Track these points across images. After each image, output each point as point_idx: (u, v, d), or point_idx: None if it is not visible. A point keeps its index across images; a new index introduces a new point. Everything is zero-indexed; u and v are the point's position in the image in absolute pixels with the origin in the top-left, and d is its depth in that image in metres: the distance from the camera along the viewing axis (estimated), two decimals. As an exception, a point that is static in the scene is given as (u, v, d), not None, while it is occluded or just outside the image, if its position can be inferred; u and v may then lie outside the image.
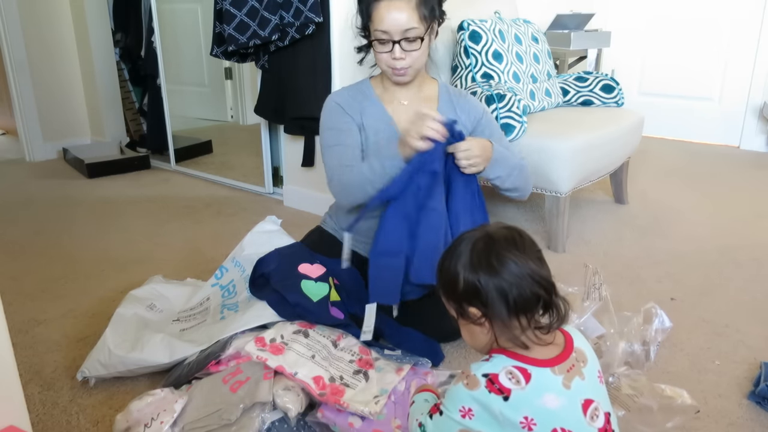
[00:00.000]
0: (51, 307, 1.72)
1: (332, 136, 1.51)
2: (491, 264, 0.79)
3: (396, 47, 1.40)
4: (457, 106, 1.56)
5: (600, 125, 2.22)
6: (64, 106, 3.67)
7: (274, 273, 1.42)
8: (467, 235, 0.84)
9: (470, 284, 0.80)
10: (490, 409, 0.77)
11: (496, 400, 0.77)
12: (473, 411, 0.78)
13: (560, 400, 0.77)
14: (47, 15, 3.50)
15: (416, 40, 1.40)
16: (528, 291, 0.78)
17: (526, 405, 0.76)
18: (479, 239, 0.82)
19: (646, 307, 1.49)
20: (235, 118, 4.43)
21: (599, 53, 3.65)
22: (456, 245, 0.83)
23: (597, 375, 0.82)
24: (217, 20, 2.35)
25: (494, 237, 0.81)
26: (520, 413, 0.76)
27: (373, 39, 1.43)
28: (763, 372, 1.32)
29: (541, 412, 0.76)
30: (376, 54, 1.45)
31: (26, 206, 2.71)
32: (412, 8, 1.37)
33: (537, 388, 0.77)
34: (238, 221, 2.45)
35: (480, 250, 0.80)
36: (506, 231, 0.82)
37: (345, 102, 1.53)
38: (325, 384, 1.18)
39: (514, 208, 2.58)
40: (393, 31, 1.38)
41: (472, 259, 0.80)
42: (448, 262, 0.83)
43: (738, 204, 2.63)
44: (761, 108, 3.57)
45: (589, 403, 0.79)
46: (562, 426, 0.77)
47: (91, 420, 1.22)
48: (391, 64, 1.43)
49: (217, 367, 1.25)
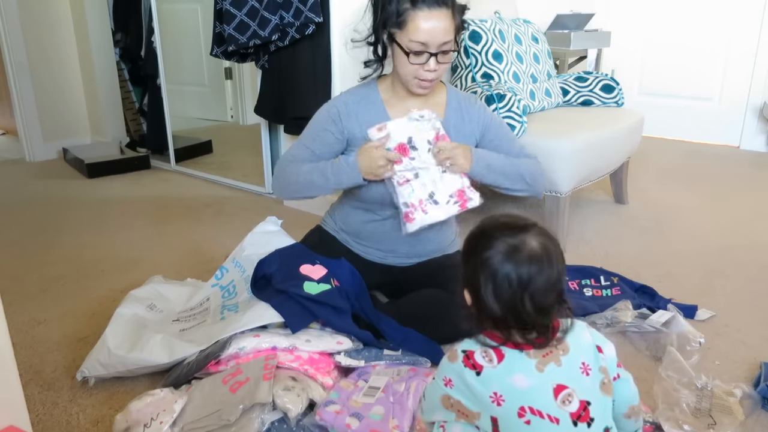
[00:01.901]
0: (51, 307, 1.72)
1: (310, 136, 1.52)
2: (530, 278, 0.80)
3: (432, 60, 1.35)
4: (465, 114, 1.54)
5: (600, 125, 2.22)
6: (64, 106, 3.67)
7: (276, 274, 1.42)
8: (518, 238, 0.82)
9: (478, 281, 0.82)
10: (465, 381, 0.84)
11: (470, 374, 0.84)
12: (453, 381, 0.86)
13: (530, 380, 0.81)
14: (47, 15, 3.50)
15: (449, 53, 1.37)
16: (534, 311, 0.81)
17: (496, 381, 0.82)
18: (527, 244, 0.81)
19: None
20: (235, 118, 4.44)
21: (599, 53, 3.65)
22: (509, 233, 0.82)
23: (579, 365, 0.84)
24: (217, 20, 2.35)
25: (538, 250, 0.81)
26: (490, 389, 0.82)
27: (406, 51, 1.35)
28: (763, 372, 1.33)
29: (509, 389, 0.81)
30: (404, 63, 1.38)
31: (26, 206, 2.71)
32: (449, 18, 1.33)
33: (508, 367, 0.82)
34: (238, 221, 2.45)
35: (523, 261, 0.80)
36: (542, 245, 0.82)
37: (346, 111, 1.48)
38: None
39: (514, 207, 2.58)
40: (431, 43, 1.33)
41: (509, 263, 0.81)
42: (485, 238, 0.84)
43: (738, 204, 2.63)
44: (761, 108, 3.57)
45: (561, 389, 0.81)
46: (530, 405, 0.81)
47: (91, 420, 1.22)
48: (419, 75, 1.38)
49: (217, 368, 1.25)
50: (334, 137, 1.50)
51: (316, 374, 1.24)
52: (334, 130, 1.49)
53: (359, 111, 1.49)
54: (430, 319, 1.44)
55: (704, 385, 1.27)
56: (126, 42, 3.53)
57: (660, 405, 1.21)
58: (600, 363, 0.86)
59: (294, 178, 1.50)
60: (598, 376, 0.85)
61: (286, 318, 1.32)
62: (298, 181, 1.49)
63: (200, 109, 4.38)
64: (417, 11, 1.32)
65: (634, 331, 1.52)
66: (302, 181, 1.48)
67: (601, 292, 1.73)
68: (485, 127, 1.55)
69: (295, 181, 1.50)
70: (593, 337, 0.88)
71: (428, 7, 1.32)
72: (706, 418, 1.18)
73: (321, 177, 1.46)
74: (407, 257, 1.61)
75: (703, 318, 1.62)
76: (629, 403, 0.92)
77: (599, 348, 0.87)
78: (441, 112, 1.52)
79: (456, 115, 1.53)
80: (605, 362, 0.87)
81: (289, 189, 1.53)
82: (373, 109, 1.50)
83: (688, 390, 1.25)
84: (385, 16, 1.36)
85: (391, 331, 1.42)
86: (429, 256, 1.60)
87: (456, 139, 1.51)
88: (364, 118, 1.48)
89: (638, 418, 0.95)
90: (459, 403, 0.85)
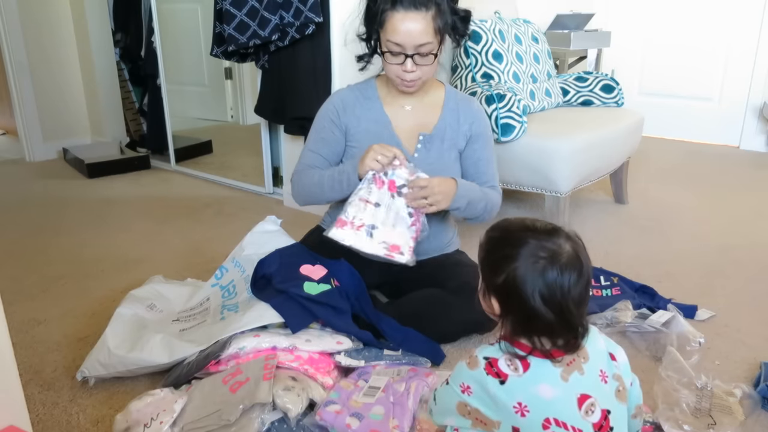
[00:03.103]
0: (51, 307, 1.72)
1: (314, 139, 1.55)
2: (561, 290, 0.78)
3: (408, 61, 1.37)
4: (461, 114, 1.54)
5: (600, 125, 2.22)
6: (64, 106, 3.67)
7: (276, 274, 1.42)
8: (554, 242, 0.80)
9: (520, 290, 0.79)
10: (487, 389, 0.81)
11: (493, 382, 0.81)
12: (471, 389, 0.83)
13: (555, 391, 0.79)
14: (47, 15, 3.50)
15: (429, 55, 1.38)
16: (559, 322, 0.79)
17: (520, 391, 0.79)
18: (562, 254, 0.80)
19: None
20: (235, 118, 4.44)
21: (599, 53, 3.65)
22: (544, 238, 0.81)
23: (598, 373, 0.83)
24: (217, 20, 2.35)
25: (574, 260, 0.80)
26: (514, 398, 0.79)
27: (384, 50, 1.40)
28: (763, 372, 1.33)
29: (534, 400, 0.79)
30: (385, 63, 1.42)
31: (26, 206, 2.71)
32: (428, 21, 1.34)
33: (534, 377, 0.80)
34: (238, 221, 2.45)
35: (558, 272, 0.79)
36: (574, 248, 0.81)
37: (343, 106, 1.52)
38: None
39: (514, 207, 2.59)
40: (407, 44, 1.35)
41: (539, 270, 0.79)
42: (516, 244, 0.81)
43: (738, 204, 2.63)
44: (761, 108, 3.57)
45: (585, 398, 0.80)
46: (555, 416, 0.78)
47: (91, 420, 1.22)
48: (400, 75, 1.41)
49: (217, 367, 1.25)
50: (334, 136, 1.52)
51: (316, 374, 1.24)
52: (334, 127, 1.52)
53: (356, 106, 1.52)
54: (429, 319, 1.44)
55: (704, 385, 1.27)
56: (126, 42, 3.53)
57: (660, 405, 1.21)
58: (614, 370, 0.86)
59: (309, 189, 1.52)
60: (613, 383, 0.84)
61: (286, 318, 1.32)
62: (313, 192, 1.51)
63: (200, 109, 4.38)
64: (394, 12, 1.34)
65: (634, 331, 1.52)
66: (316, 191, 1.50)
67: (601, 292, 1.73)
68: (475, 135, 1.55)
69: (310, 192, 1.52)
70: (606, 343, 0.88)
71: (405, 9, 1.33)
72: (706, 418, 1.18)
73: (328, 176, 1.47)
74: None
75: (703, 318, 1.62)
76: (636, 404, 0.92)
77: (612, 355, 0.87)
78: (437, 112, 1.54)
79: (452, 115, 1.54)
80: (619, 369, 0.86)
81: (307, 199, 1.55)
82: (369, 105, 1.52)
83: (688, 390, 1.25)
84: (371, 16, 1.40)
85: (391, 331, 1.42)
86: (428, 255, 1.60)
87: (449, 138, 1.52)
88: (360, 113, 1.51)
89: (641, 418, 0.95)
90: (477, 411, 0.82)
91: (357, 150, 1.51)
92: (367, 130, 1.51)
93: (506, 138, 2.00)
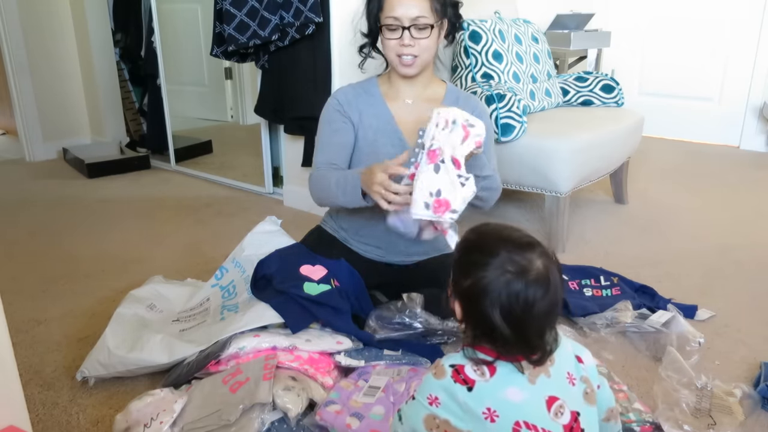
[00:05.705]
0: (51, 307, 1.72)
1: (326, 133, 1.54)
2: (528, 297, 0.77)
3: (405, 33, 1.41)
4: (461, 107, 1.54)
5: (600, 125, 2.22)
6: (64, 106, 3.67)
7: (276, 275, 1.42)
8: (525, 257, 0.78)
9: (481, 299, 0.78)
10: (455, 397, 0.80)
11: (461, 389, 0.79)
12: (440, 399, 0.81)
13: (524, 394, 0.79)
14: (47, 15, 3.50)
15: (426, 28, 1.42)
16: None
17: (489, 396, 0.79)
18: (528, 268, 0.77)
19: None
20: (235, 118, 4.44)
21: (599, 53, 3.65)
22: (515, 251, 0.78)
23: (565, 376, 0.83)
24: (217, 20, 2.35)
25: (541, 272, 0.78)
26: (483, 404, 0.78)
27: (383, 30, 1.44)
28: (763, 372, 1.33)
29: (503, 404, 0.78)
30: (385, 42, 1.46)
31: (26, 206, 2.71)
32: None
33: (501, 381, 0.79)
34: (238, 221, 2.45)
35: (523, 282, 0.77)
36: (546, 267, 0.79)
37: (346, 100, 1.54)
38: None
39: (514, 207, 2.58)
40: (403, 17, 1.40)
41: (508, 279, 0.77)
42: (488, 253, 0.79)
43: (738, 204, 2.63)
44: (761, 108, 3.57)
45: (553, 400, 0.80)
46: (525, 419, 0.78)
47: (91, 420, 1.22)
48: (399, 51, 1.44)
49: (217, 367, 1.25)
50: (345, 125, 1.53)
51: (316, 374, 1.24)
52: (343, 117, 1.53)
53: (358, 101, 1.54)
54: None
55: (704, 385, 1.27)
56: (126, 42, 3.53)
57: (660, 405, 1.21)
58: (581, 373, 0.85)
59: (325, 193, 1.50)
60: (581, 386, 0.84)
61: (286, 319, 1.32)
62: (329, 196, 1.49)
63: (200, 109, 4.38)
64: None
65: (634, 332, 1.52)
66: (331, 195, 1.48)
67: (601, 292, 1.73)
68: None
69: (326, 196, 1.50)
70: (573, 347, 0.87)
71: None
72: (706, 418, 1.18)
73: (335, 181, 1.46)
74: (407, 255, 1.61)
75: (703, 318, 1.62)
76: (607, 406, 0.90)
77: (579, 358, 0.86)
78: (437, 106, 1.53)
79: None
80: (586, 372, 0.86)
81: (323, 202, 1.54)
82: (371, 101, 1.54)
83: (688, 390, 1.25)
84: (370, 4, 1.47)
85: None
86: (428, 254, 1.60)
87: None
88: (363, 107, 1.53)
89: (617, 421, 0.92)
90: (447, 422, 0.81)
91: (362, 143, 1.52)
92: (369, 124, 1.52)
93: (506, 138, 2.00)
